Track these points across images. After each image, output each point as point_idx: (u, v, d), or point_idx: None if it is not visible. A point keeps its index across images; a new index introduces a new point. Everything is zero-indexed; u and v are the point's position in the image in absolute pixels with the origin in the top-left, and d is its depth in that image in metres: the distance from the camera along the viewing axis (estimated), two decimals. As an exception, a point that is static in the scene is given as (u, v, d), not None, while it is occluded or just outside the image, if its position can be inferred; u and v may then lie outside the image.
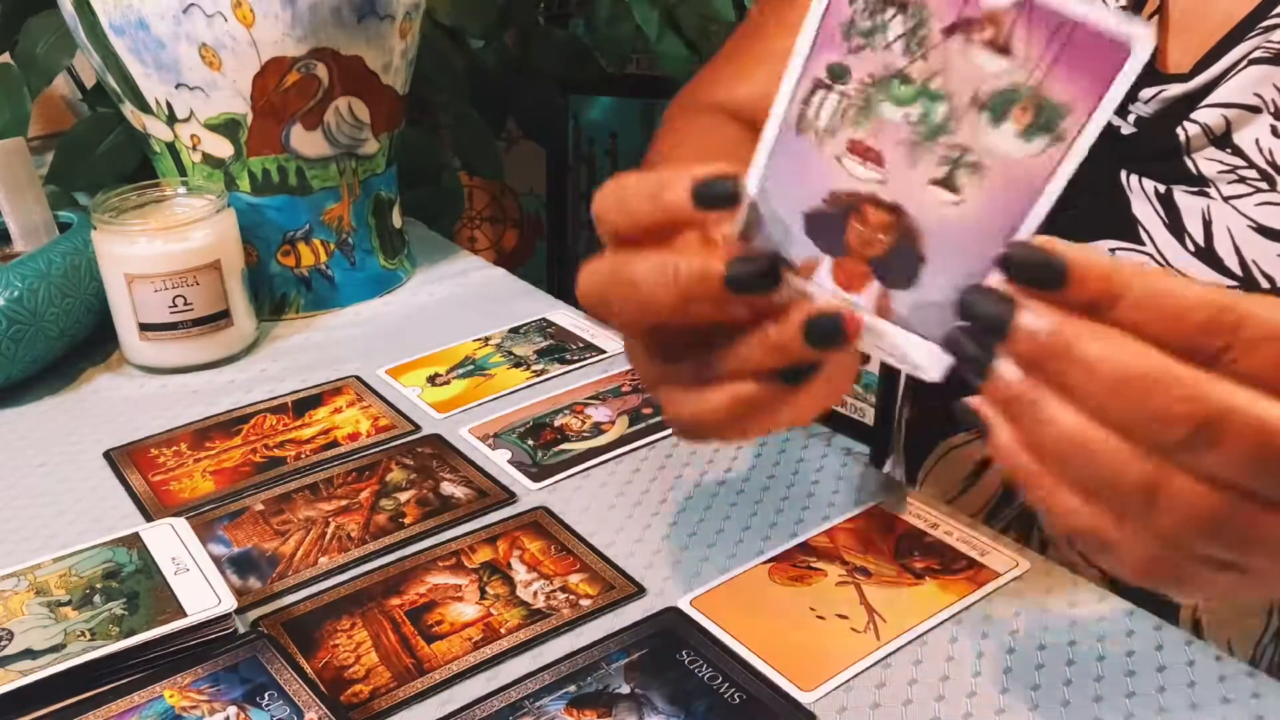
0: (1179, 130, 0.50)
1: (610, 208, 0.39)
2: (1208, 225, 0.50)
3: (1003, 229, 0.34)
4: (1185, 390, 0.30)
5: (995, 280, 0.34)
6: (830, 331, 0.37)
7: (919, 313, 0.37)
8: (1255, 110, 0.49)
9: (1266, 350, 0.31)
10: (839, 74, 0.36)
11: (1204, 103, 0.50)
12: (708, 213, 0.38)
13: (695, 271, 0.37)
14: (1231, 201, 0.49)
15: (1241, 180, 0.49)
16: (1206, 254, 0.50)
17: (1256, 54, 0.49)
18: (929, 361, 0.37)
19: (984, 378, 0.34)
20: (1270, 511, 0.32)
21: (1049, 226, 0.34)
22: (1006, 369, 0.33)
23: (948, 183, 0.35)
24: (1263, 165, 0.49)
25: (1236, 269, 0.49)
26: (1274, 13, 0.49)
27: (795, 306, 0.37)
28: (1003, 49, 0.33)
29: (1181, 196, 0.51)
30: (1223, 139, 0.49)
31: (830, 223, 0.37)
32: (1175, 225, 0.51)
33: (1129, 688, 0.46)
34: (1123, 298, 0.31)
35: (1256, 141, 0.49)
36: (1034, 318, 0.32)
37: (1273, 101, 0.48)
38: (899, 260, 0.36)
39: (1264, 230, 0.48)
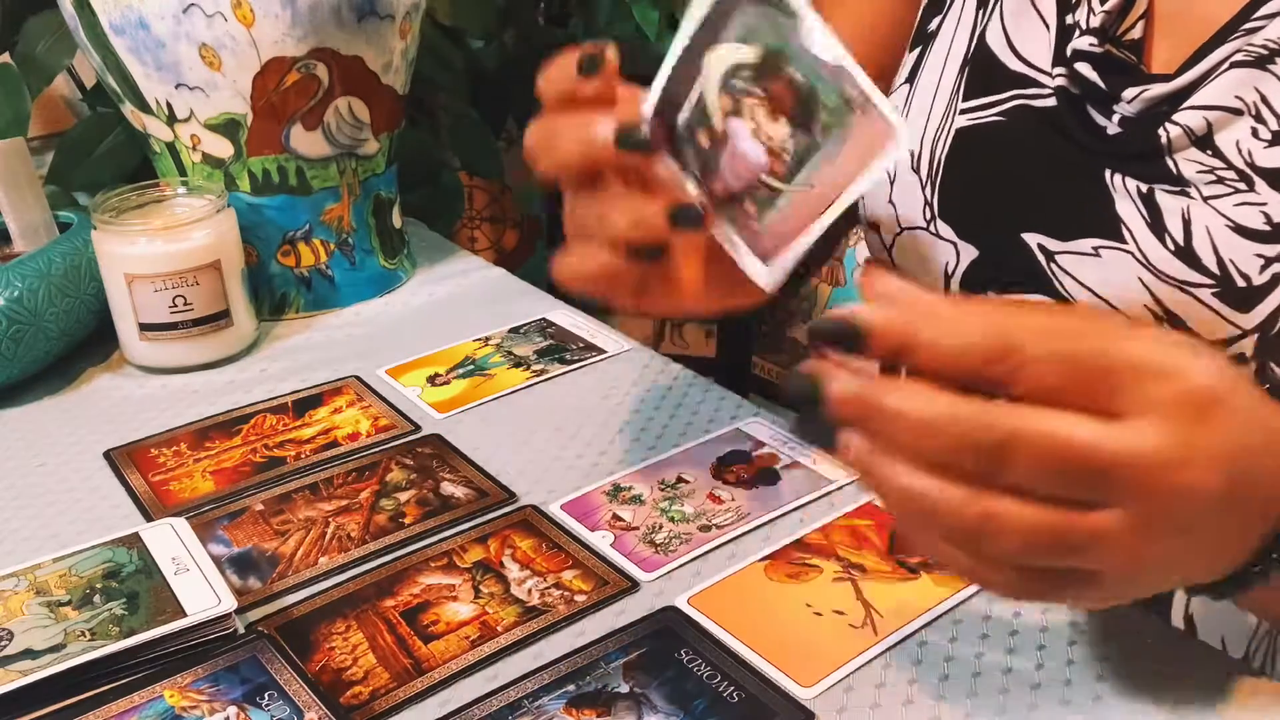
0: (1161, 131, 0.51)
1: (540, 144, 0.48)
2: (1187, 225, 0.50)
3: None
4: (972, 422, 0.35)
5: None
6: (689, 218, 0.46)
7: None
8: (1236, 113, 0.49)
9: (1042, 369, 0.35)
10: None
11: (1186, 104, 0.50)
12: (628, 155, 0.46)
13: (597, 133, 0.46)
14: (1211, 202, 0.50)
15: (1220, 181, 0.50)
16: (1185, 253, 0.50)
17: (1238, 56, 0.49)
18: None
19: (834, 450, 0.37)
20: (1088, 513, 0.35)
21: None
22: (847, 437, 0.37)
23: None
24: (1241, 166, 0.49)
25: (1214, 268, 0.50)
26: (1256, 15, 0.49)
27: (663, 189, 0.46)
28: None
29: (1163, 196, 0.51)
30: (1204, 140, 0.50)
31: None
32: (1156, 224, 0.51)
33: (1129, 684, 0.46)
34: (915, 347, 0.35)
35: (1236, 143, 0.49)
36: (839, 385, 0.36)
37: (1253, 104, 0.49)
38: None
39: (1241, 230, 0.49)
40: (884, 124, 0.40)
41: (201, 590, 0.50)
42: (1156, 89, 0.51)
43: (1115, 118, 0.53)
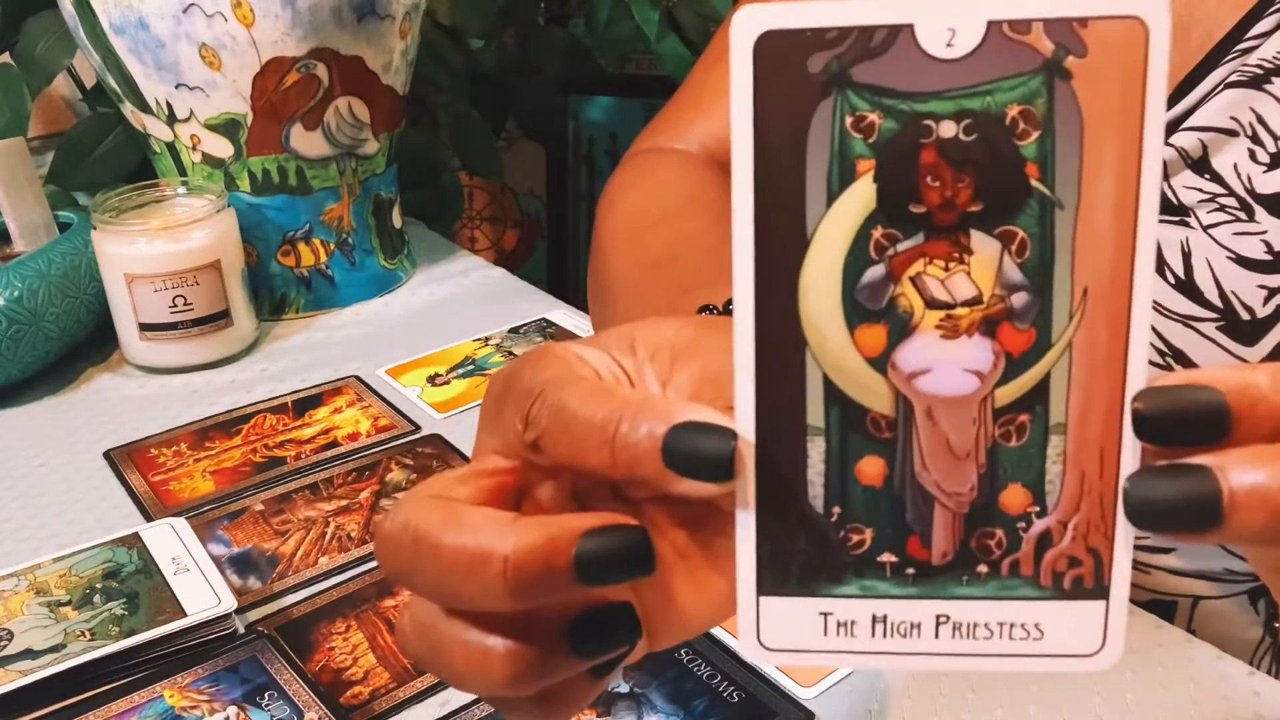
0: None
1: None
2: (1187, 257, 0.50)
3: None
4: None
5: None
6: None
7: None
8: (1232, 134, 0.48)
9: None
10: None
11: (1181, 126, 0.50)
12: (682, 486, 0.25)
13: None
14: (1210, 231, 0.49)
15: (1221, 209, 0.49)
16: (1186, 286, 0.50)
17: (1233, 77, 0.48)
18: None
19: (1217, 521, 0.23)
20: None
21: None
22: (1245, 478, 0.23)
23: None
24: (1241, 193, 0.48)
25: (1217, 301, 0.49)
26: (1249, 35, 0.49)
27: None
28: None
29: (1161, 228, 0.51)
30: (1200, 163, 0.49)
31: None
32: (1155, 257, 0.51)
33: (1129, 685, 0.46)
34: None
35: (1234, 166, 0.48)
36: (1249, 474, 0.22)
37: (1249, 125, 0.48)
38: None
39: (1242, 260, 0.48)
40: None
41: (201, 590, 0.50)
42: None
43: None
